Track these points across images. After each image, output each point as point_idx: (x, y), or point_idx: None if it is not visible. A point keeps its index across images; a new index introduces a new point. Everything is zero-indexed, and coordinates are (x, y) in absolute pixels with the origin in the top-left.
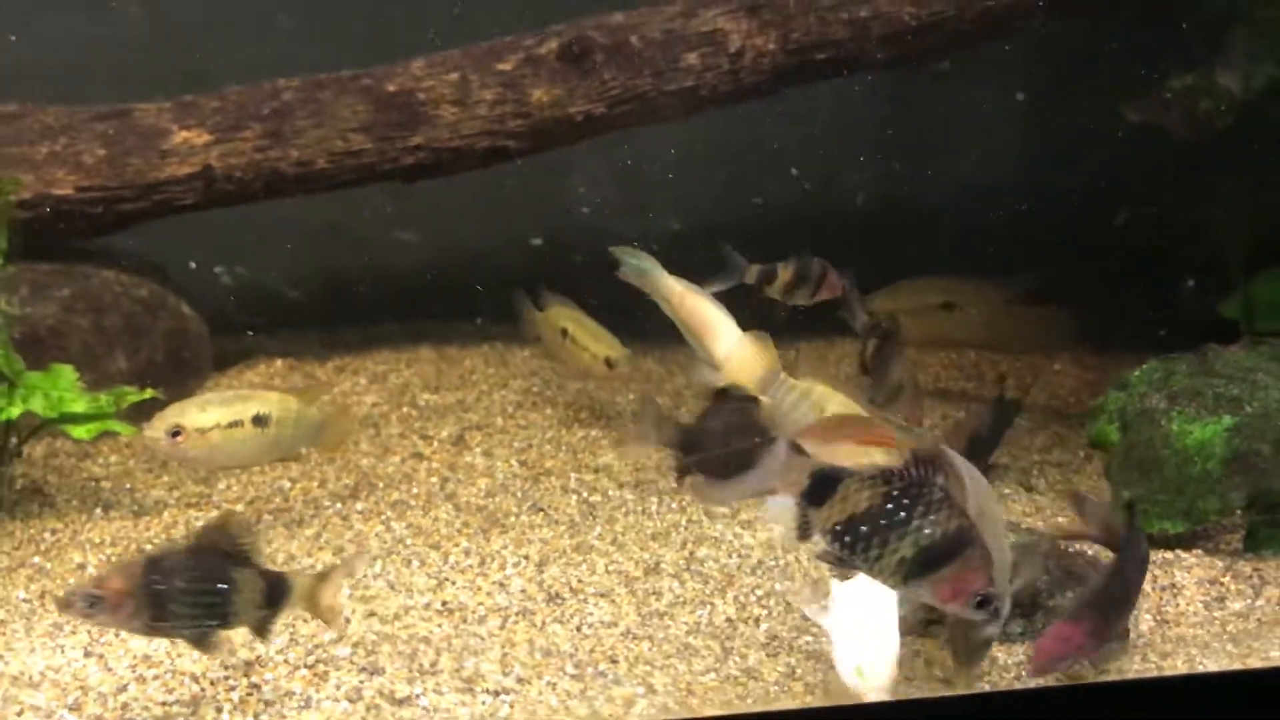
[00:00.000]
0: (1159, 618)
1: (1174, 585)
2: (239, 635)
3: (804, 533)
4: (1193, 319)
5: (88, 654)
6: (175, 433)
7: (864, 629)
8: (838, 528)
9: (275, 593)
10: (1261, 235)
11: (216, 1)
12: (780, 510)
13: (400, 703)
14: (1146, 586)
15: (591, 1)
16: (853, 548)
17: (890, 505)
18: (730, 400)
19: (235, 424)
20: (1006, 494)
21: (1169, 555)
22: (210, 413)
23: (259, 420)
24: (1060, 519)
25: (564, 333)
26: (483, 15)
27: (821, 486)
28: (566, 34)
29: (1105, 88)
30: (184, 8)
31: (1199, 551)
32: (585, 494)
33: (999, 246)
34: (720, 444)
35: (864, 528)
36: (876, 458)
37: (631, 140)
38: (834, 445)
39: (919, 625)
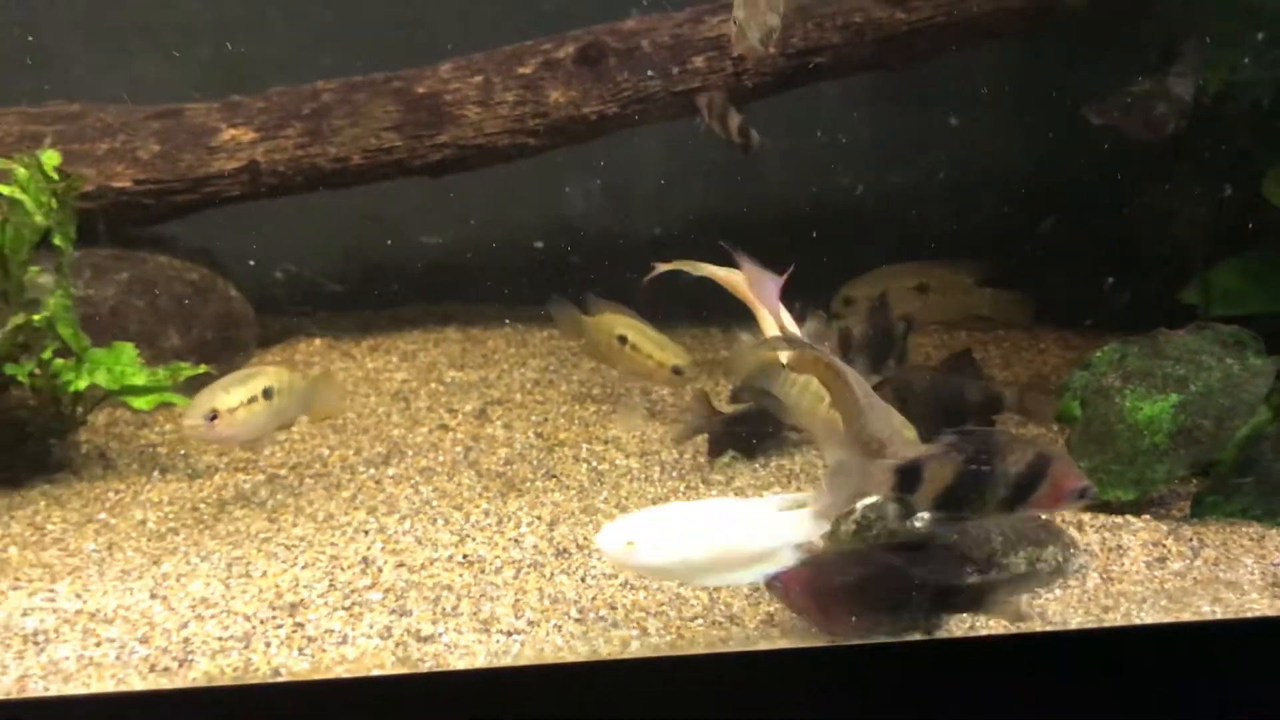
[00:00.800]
0: (1105, 576)
1: (1120, 547)
2: (285, 580)
3: (909, 514)
4: (1158, 303)
5: (153, 596)
6: (212, 416)
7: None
8: (939, 501)
9: None
10: (1218, 227)
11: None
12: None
13: (425, 640)
14: (1095, 548)
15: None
16: (959, 508)
17: (972, 466)
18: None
19: (253, 399)
20: None
21: (1119, 520)
22: (234, 393)
23: (268, 394)
24: None
25: (623, 340)
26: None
27: (909, 477)
28: (582, 39)
29: (1074, 89)
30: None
31: (1147, 517)
32: (594, 463)
33: (975, 236)
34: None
35: (960, 493)
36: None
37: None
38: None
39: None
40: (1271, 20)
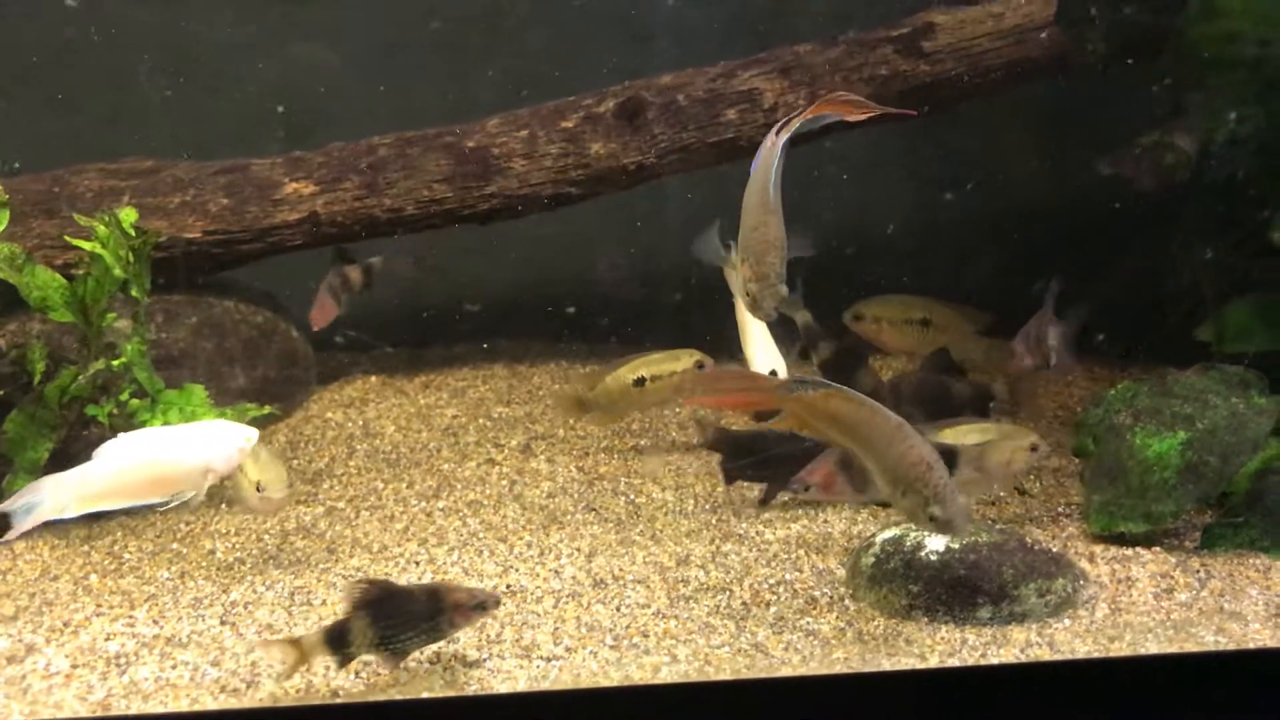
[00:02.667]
0: (1113, 606)
1: (1129, 578)
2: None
3: None
4: (1176, 339)
5: (223, 622)
6: (261, 489)
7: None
8: None
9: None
10: (1230, 268)
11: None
12: None
13: (471, 665)
14: (1105, 579)
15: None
16: None
17: None
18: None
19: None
20: (1001, 495)
21: (1129, 552)
22: (266, 467)
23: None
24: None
25: (640, 382)
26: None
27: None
28: (622, 94)
29: (1101, 138)
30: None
31: (1157, 549)
32: (632, 496)
33: (995, 275)
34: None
35: None
36: None
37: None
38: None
39: (904, 609)
40: (1275, 71)
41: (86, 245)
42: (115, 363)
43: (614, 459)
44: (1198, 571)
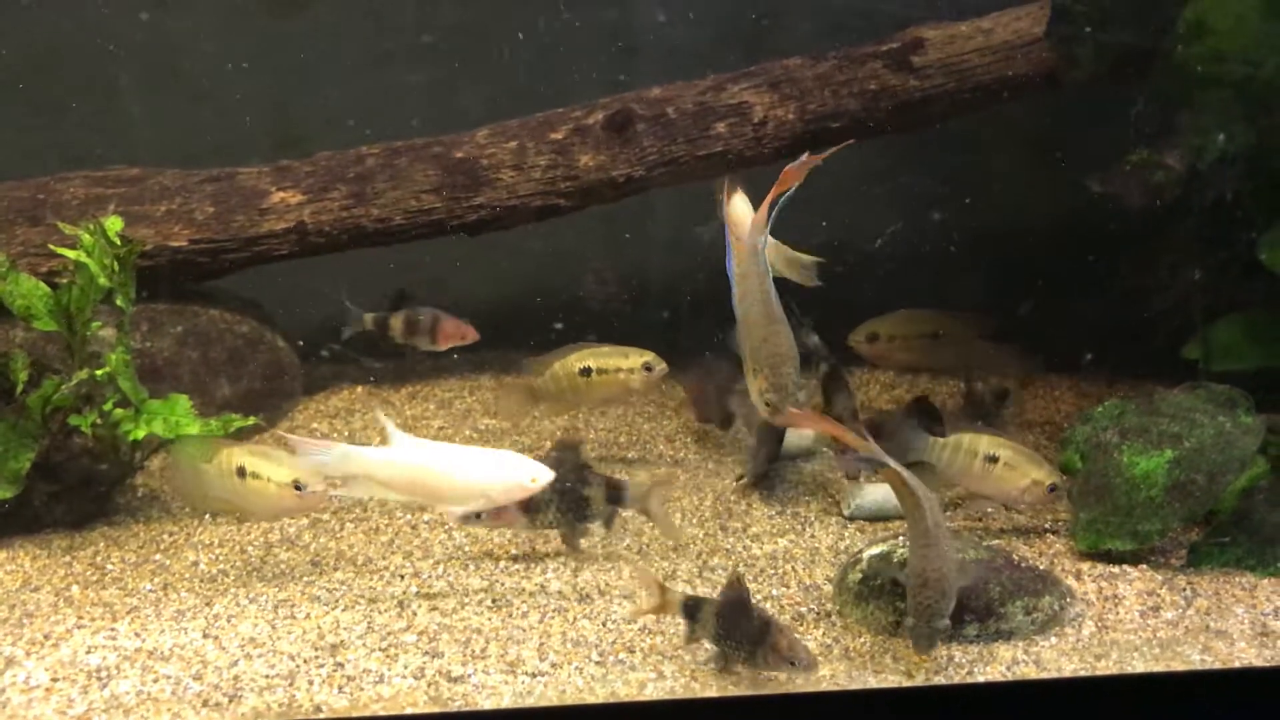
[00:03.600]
0: (1100, 624)
1: (1116, 596)
2: (327, 622)
3: None
4: (1164, 356)
5: (206, 635)
6: (299, 485)
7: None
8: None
9: (616, 495)
10: (1218, 287)
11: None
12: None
13: (455, 680)
14: (1092, 596)
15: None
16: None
17: None
18: None
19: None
20: (988, 511)
21: (1116, 570)
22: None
23: None
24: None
25: (586, 372)
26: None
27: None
28: (611, 106)
29: (1089, 155)
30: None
31: (1143, 567)
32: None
33: (991, 289)
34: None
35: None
36: None
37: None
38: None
39: (890, 626)
40: (1263, 90)
41: (71, 253)
42: (99, 372)
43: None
44: (1184, 590)
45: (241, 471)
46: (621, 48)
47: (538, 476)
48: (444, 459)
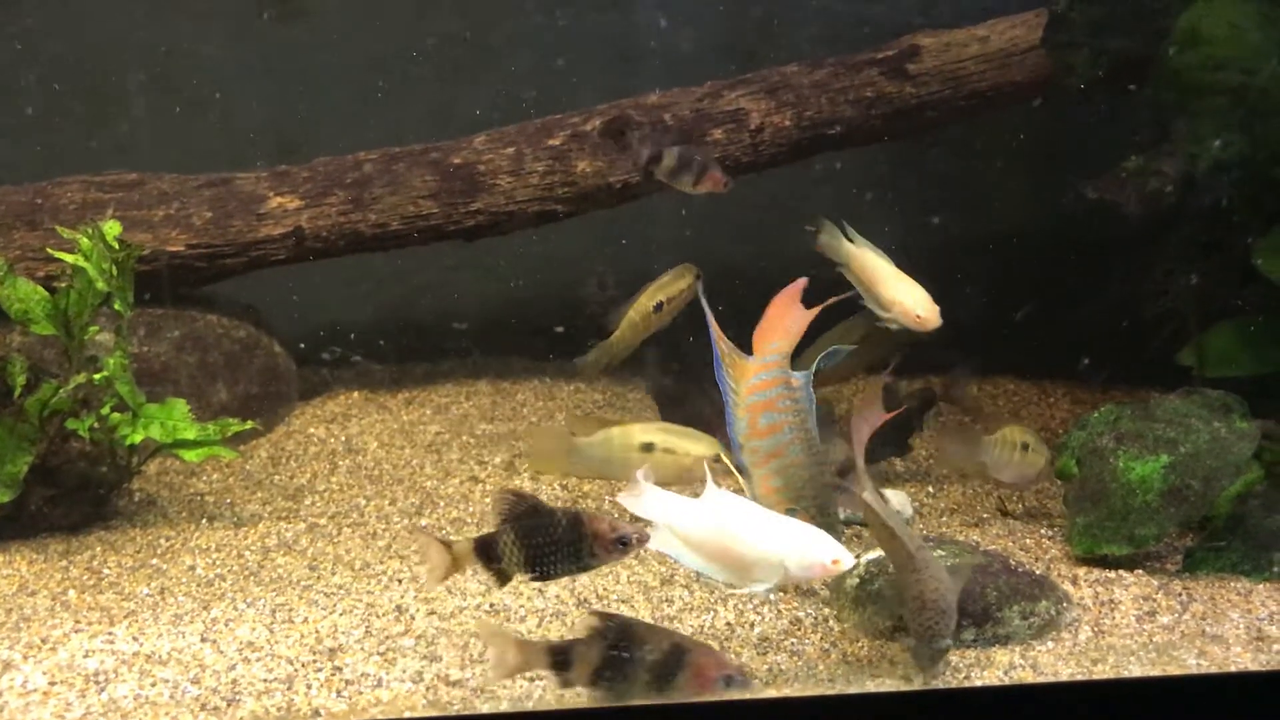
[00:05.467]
0: (1096, 629)
1: (1112, 601)
2: (325, 626)
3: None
4: (1158, 363)
5: (204, 639)
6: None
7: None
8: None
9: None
10: (1213, 293)
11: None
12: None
13: (453, 685)
14: (1089, 601)
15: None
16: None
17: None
18: None
19: None
20: (984, 518)
21: (1112, 575)
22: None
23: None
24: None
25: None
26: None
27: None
28: (608, 112)
29: (1085, 162)
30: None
31: (1139, 572)
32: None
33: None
34: None
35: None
36: None
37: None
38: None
39: (888, 631)
40: (1257, 97)
41: (69, 258)
42: (97, 376)
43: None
44: (1180, 595)
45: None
46: (620, 54)
47: (840, 559)
48: (748, 523)
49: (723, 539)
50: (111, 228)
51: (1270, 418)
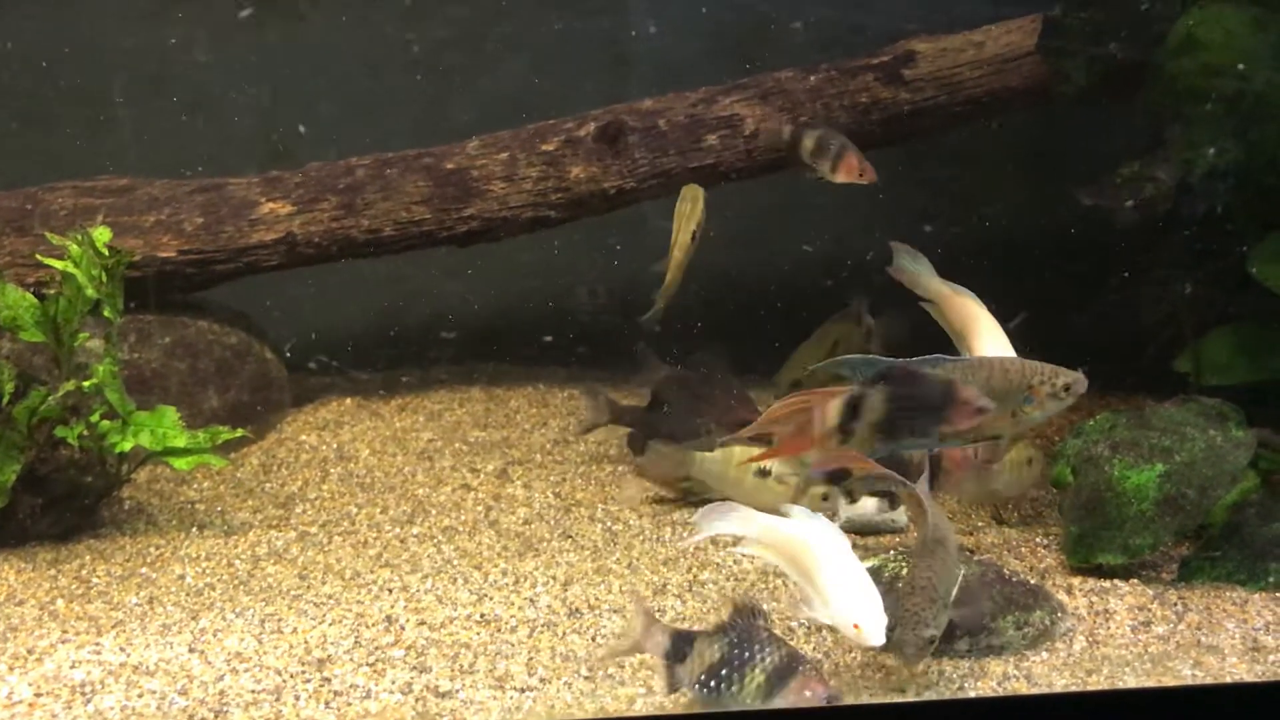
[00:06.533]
0: (1091, 639)
1: (1107, 611)
2: (314, 636)
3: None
4: (1155, 369)
5: (191, 650)
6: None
7: (849, 586)
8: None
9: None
10: (1208, 300)
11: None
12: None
13: (443, 696)
14: (1083, 611)
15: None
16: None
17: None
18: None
19: None
20: (979, 526)
21: (1106, 584)
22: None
23: None
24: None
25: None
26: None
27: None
28: (602, 118)
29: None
30: None
31: (1134, 581)
32: (609, 523)
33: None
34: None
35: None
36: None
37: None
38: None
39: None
40: (1253, 104)
41: (58, 264)
42: (86, 384)
43: (591, 485)
44: (1175, 605)
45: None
46: (614, 59)
47: (865, 631)
48: (813, 558)
49: (789, 565)
50: (101, 234)
51: (1266, 425)
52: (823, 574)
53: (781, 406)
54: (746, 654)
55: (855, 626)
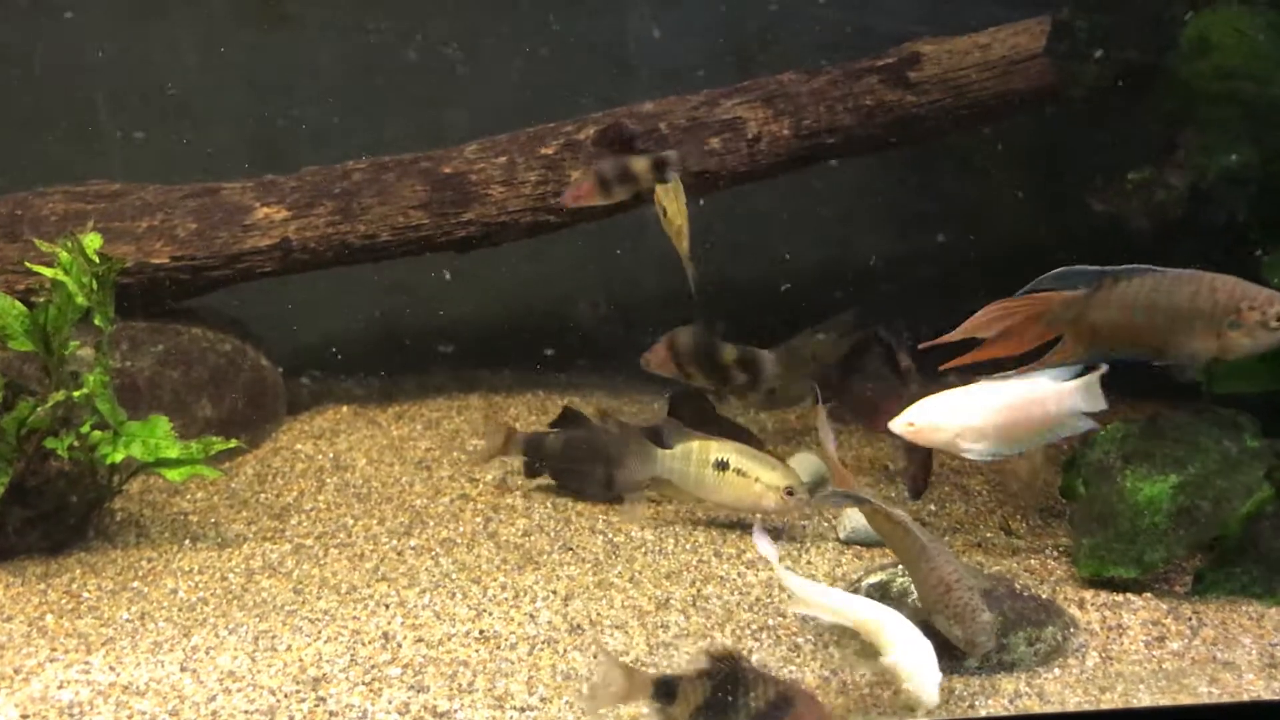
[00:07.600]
0: (1104, 655)
1: (1120, 626)
2: (309, 654)
3: None
4: (1165, 381)
5: (183, 668)
6: (790, 491)
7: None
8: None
9: None
10: None
11: None
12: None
13: (441, 716)
14: (1096, 626)
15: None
16: None
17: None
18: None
19: None
20: (987, 537)
21: (1119, 598)
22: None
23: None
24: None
25: (723, 465)
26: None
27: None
28: (602, 121)
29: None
30: None
31: (1148, 595)
32: (610, 535)
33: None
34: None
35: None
36: None
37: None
38: None
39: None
40: (1268, 107)
41: (48, 271)
42: (77, 394)
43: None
44: (1190, 619)
45: (723, 465)
46: (615, 61)
47: (920, 688)
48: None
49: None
50: (92, 240)
51: None
52: (896, 651)
53: (983, 314)
54: (734, 699)
55: (908, 681)
